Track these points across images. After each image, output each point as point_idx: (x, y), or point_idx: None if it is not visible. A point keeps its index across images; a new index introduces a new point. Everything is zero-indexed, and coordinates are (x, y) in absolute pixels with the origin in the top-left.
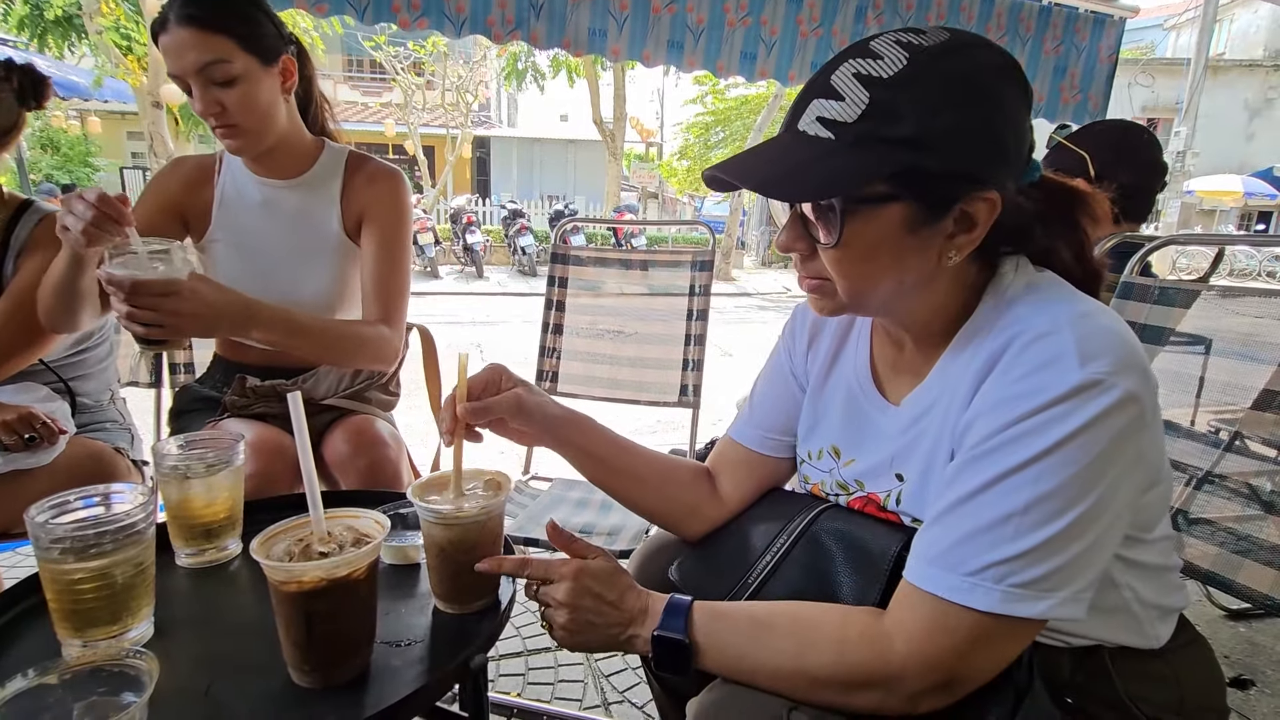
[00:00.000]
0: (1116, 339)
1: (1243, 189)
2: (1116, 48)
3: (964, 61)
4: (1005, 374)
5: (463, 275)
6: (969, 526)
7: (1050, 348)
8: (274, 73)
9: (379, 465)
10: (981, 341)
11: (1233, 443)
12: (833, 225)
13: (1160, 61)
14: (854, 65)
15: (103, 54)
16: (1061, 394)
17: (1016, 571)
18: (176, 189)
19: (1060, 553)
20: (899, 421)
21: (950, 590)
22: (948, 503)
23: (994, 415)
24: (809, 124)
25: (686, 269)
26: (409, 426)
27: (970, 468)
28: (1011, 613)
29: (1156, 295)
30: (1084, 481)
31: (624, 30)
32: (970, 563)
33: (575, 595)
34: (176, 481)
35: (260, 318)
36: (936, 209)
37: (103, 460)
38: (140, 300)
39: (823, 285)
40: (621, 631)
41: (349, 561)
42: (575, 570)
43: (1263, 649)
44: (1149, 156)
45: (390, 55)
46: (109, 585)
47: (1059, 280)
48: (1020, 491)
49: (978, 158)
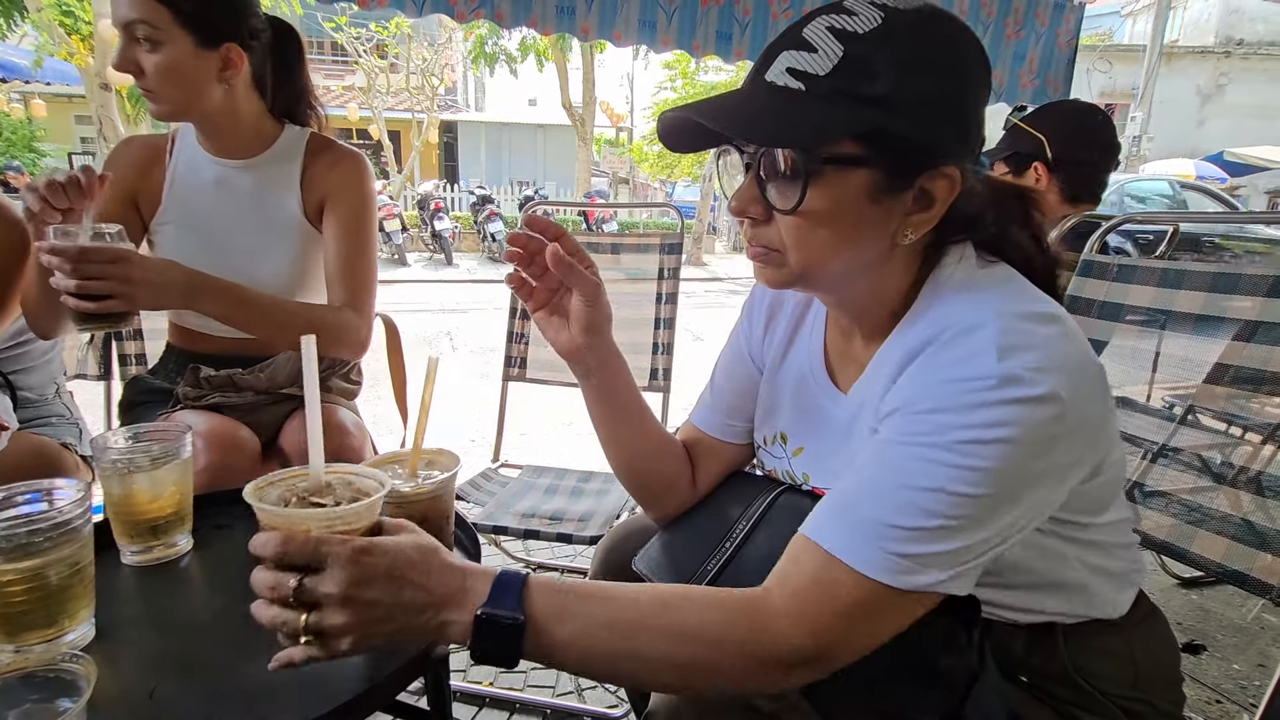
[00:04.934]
0: (1042, 338)
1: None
2: (1076, 33)
3: (940, 31)
4: (924, 365)
5: (431, 262)
6: (874, 491)
7: (971, 342)
8: (209, 56)
9: (342, 454)
10: (913, 335)
11: (1186, 417)
12: (794, 188)
13: (1118, 47)
14: (828, 19)
15: (46, 33)
16: (980, 385)
17: (905, 542)
18: (126, 171)
19: (957, 536)
20: (846, 413)
21: (841, 549)
22: (854, 473)
23: (908, 403)
24: (778, 74)
25: (655, 252)
26: (376, 416)
27: (880, 445)
28: (895, 584)
29: (1115, 273)
30: (999, 473)
31: (593, 8)
32: (865, 525)
33: (356, 585)
34: (118, 476)
35: (211, 288)
36: (900, 179)
37: (48, 456)
38: (88, 269)
39: (770, 254)
40: (433, 617)
41: (345, 518)
42: (353, 552)
43: (1213, 615)
44: (1105, 137)
45: (352, 37)
46: (42, 587)
47: (1005, 273)
48: (933, 471)
49: (945, 130)
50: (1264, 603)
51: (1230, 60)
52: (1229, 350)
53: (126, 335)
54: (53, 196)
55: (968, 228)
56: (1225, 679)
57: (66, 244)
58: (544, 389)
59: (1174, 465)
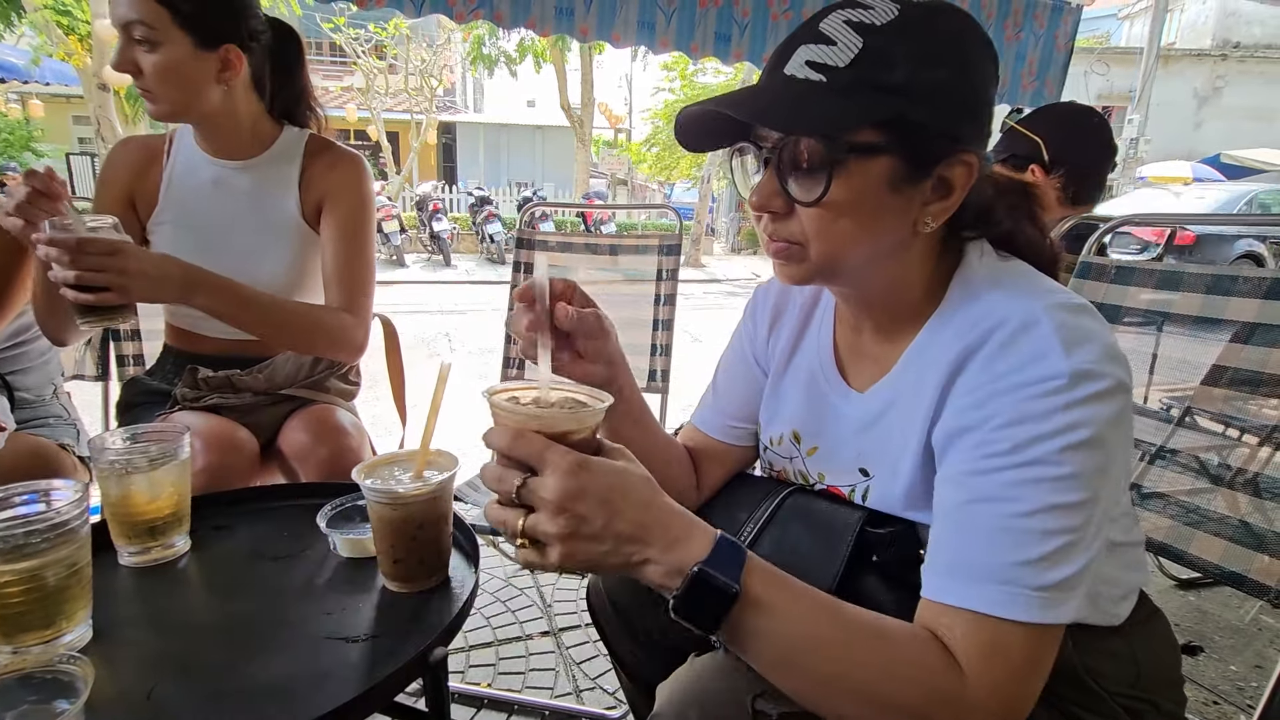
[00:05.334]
0: (1094, 329)
1: (1192, 174)
2: (1073, 35)
3: (951, 24)
4: (988, 369)
5: (430, 264)
6: (988, 532)
7: (1034, 341)
8: (208, 58)
9: (340, 455)
10: (954, 333)
11: (1183, 418)
12: (817, 178)
13: (1115, 50)
14: (845, 14)
15: (44, 33)
16: (1056, 387)
17: (1042, 573)
18: (123, 172)
19: (1082, 549)
20: (863, 411)
21: (990, 604)
22: (956, 506)
23: (986, 414)
24: (797, 68)
25: (654, 254)
26: (375, 418)
27: (974, 470)
28: (1049, 620)
29: (1113, 274)
30: (1091, 474)
31: (592, 9)
32: (999, 570)
33: (570, 497)
34: (116, 477)
35: (207, 283)
36: (920, 167)
37: (46, 457)
38: (87, 260)
39: (791, 249)
40: (637, 551)
41: (564, 421)
42: (572, 464)
43: (1211, 616)
44: (1100, 139)
45: (350, 38)
46: (40, 588)
47: (1024, 266)
48: (1035, 490)
49: (962, 118)
50: (1261, 604)
51: (1227, 63)
52: (1226, 352)
53: (124, 336)
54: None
55: (980, 220)
56: (1223, 680)
57: (65, 236)
58: None
59: (1172, 467)
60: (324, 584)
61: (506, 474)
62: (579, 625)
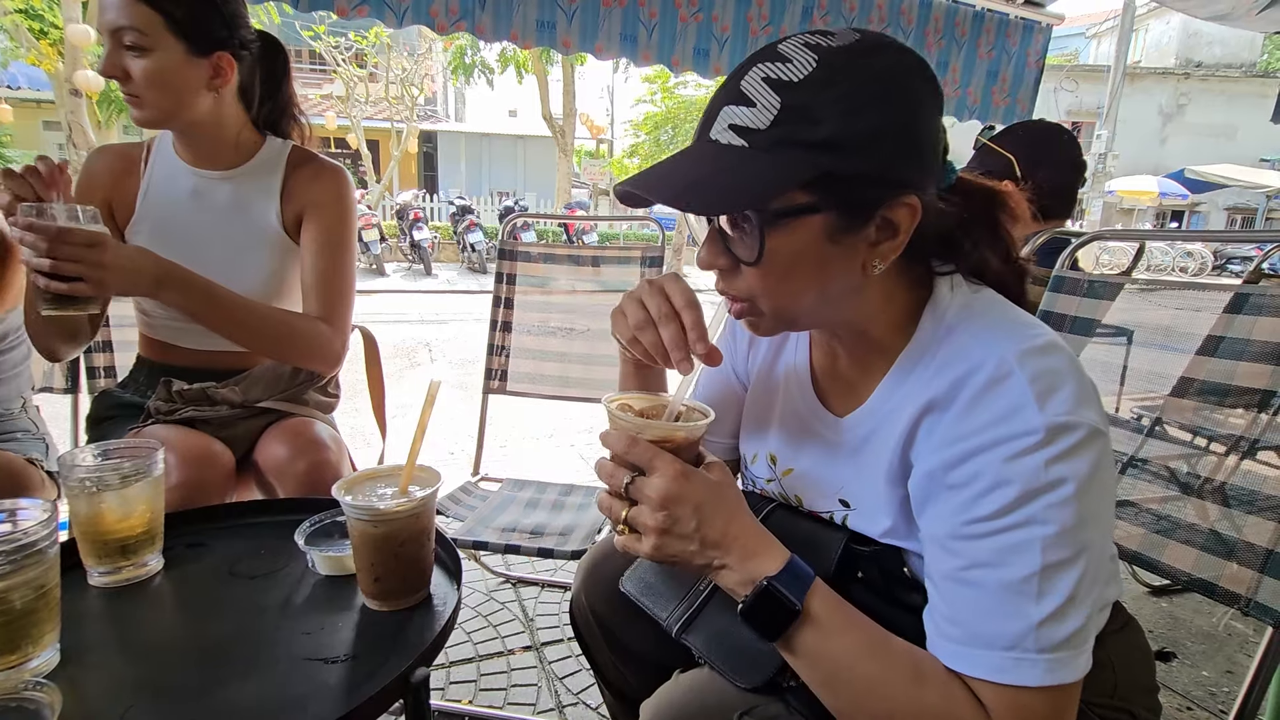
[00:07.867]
0: (1063, 370)
1: (1158, 189)
2: (1044, 53)
3: (877, 62)
4: (965, 421)
5: (410, 273)
6: (986, 600)
7: (1005, 394)
8: (200, 64)
9: (319, 468)
10: (923, 374)
11: (1154, 428)
12: (752, 241)
13: (1083, 68)
14: (763, 69)
15: (14, 37)
16: (1034, 444)
17: (1051, 630)
18: (99, 180)
19: (1081, 601)
20: (843, 439)
21: (1000, 672)
22: (950, 573)
23: (967, 474)
24: (721, 132)
25: (636, 264)
26: (355, 429)
27: (963, 534)
28: (1061, 681)
29: (1086, 289)
30: (1079, 526)
31: (574, 22)
32: (1004, 638)
33: (670, 500)
34: (86, 495)
35: (180, 280)
36: (857, 216)
37: (13, 473)
38: (64, 250)
39: (746, 307)
40: (718, 557)
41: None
42: (677, 472)
43: (1183, 623)
44: (1070, 155)
45: (330, 46)
46: (6, 611)
47: (994, 299)
48: (1027, 553)
49: (897, 160)
50: (1232, 611)
51: (1190, 81)
52: (1194, 364)
53: (95, 348)
54: (16, 187)
55: (944, 248)
56: (1195, 686)
57: (45, 223)
58: (524, 401)
59: (1143, 476)
60: (302, 603)
61: (618, 471)
62: (562, 640)
